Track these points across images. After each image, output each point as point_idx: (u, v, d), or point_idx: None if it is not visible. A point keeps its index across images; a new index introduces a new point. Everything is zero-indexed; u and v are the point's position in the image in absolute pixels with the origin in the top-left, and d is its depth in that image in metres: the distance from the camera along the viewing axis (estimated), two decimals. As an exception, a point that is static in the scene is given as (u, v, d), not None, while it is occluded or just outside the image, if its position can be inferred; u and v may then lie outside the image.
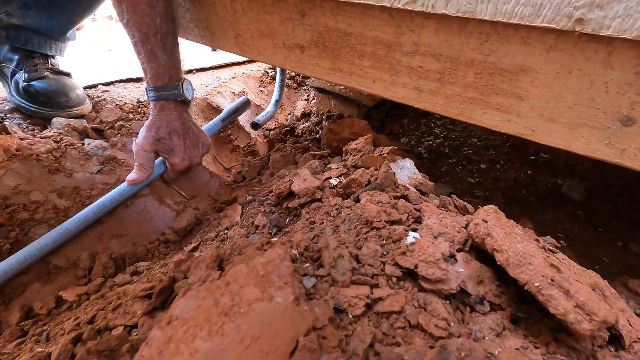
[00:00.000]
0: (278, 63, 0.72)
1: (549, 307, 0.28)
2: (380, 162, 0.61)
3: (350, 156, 0.65)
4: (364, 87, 0.62)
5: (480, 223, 0.35)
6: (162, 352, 0.23)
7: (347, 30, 0.59)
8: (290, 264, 0.28)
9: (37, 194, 0.75)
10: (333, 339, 0.25)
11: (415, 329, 0.29)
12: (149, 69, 0.74)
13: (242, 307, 0.24)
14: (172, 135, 0.77)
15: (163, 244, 0.82)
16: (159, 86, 0.75)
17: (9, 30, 0.95)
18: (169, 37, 0.74)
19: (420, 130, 1.04)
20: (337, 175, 0.62)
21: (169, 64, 0.75)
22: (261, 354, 0.22)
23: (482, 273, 0.34)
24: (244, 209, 0.79)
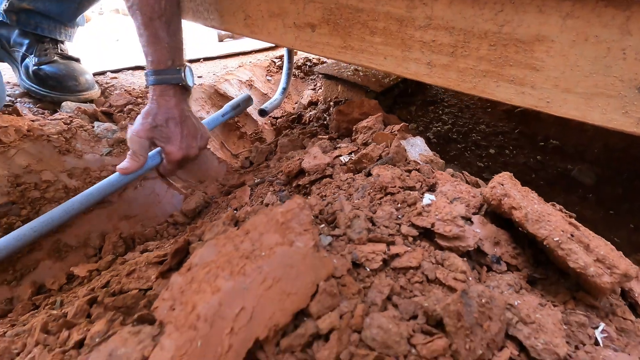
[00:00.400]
0: (288, 43, 0.72)
1: (568, 261, 0.28)
2: (391, 139, 0.61)
3: (360, 134, 0.65)
4: (374, 64, 0.61)
5: (496, 186, 0.34)
6: (184, 292, 0.23)
7: (358, 6, 0.58)
8: (309, 212, 0.28)
9: (48, 174, 0.76)
10: (352, 287, 0.25)
11: (433, 283, 0.29)
12: (150, 52, 0.72)
13: (263, 251, 0.24)
14: (169, 122, 0.73)
15: (172, 226, 0.82)
16: (160, 69, 0.72)
17: (19, 15, 0.96)
18: (174, 19, 0.73)
19: (428, 117, 1.03)
20: (348, 152, 0.62)
21: (172, 46, 0.73)
22: (283, 295, 0.22)
23: (499, 235, 0.34)
24: (253, 190, 0.79)
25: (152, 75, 0.72)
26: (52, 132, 0.80)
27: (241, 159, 1.07)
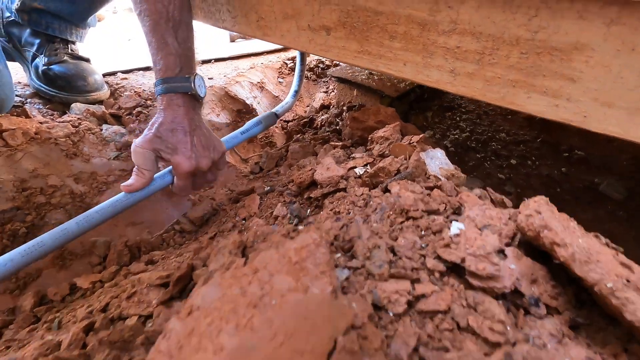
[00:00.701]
0: (302, 46, 0.69)
1: (625, 312, 0.24)
2: (409, 151, 0.57)
3: (376, 145, 0.61)
4: (393, 70, 0.58)
5: (533, 214, 0.31)
6: (183, 348, 0.20)
7: (377, 9, 0.55)
8: (326, 250, 0.25)
9: (55, 178, 0.74)
10: (375, 340, 0.22)
11: (465, 332, 0.25)
12: (158, 59, 0.67)
13: (274, 298, 0.21)
14: (176, 131, 0.66)
15: (178, 234, 0.80)
16: (168, 77, 0.66)
17: (30, 14, 0.95)
18: (183, 25, 0.68)
19: (446, 123, 0.99)
20: (363, 164, 0.59)
21: (181, 53, 0.67)
22: (295, 354, 0.19)
23: (535, 271, 0.30)
24: (263, 200, 0.76)
25: (160, 84, 0.66)
26: (59, 135, 0.78)
27: (250, 163, 1.04)
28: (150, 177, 0.67)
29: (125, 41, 1.59)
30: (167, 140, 0.65)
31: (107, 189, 0.79)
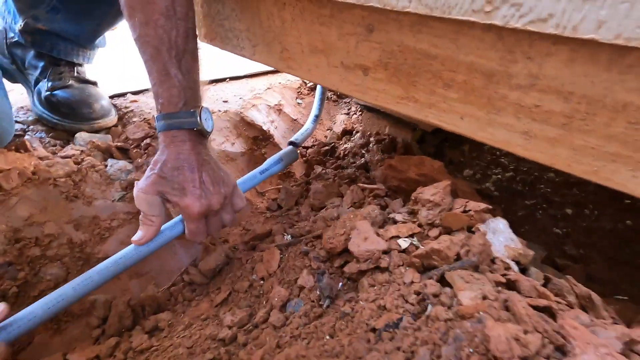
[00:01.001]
0: (332, 85, 0.60)
1: None
2: (465, 222, 0.47)
3: (422, 208, 0.51)
4: (446, 123, 0.48)
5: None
6: None
7: (430, 52, 0.45)
8: None
9: (52, 226, 0.66)
10: None
11: None
12: (160, 92, 0.58)
13: None
14: (182, 169, 0.58)
15: (188, 286, 0.72)
16: (170, 112, 0.58)
17: (34, 35, 0.88)
18: (187, 55, 0.59)
19: (485, 159, 0.89)
20: (407, 234, 0.49)
21: (185, 85, 0.58)
22: None
23: None
24: (283, 254, 0.67)
25: (162, 120, 0.58)
26: (59, 175, 0.71)
27: (267, 198, 0.95)
28: (160, 224, 0.60)
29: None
30: (172, 180, 0.58)
31: (109, 236, 0.71)
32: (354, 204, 0.75)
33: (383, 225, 0.56)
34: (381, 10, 0.47)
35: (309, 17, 0.57)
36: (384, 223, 0.57)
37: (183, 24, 0.58)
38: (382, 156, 0.86)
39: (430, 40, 0.45)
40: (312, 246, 0.63)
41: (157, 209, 0.58)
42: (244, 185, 0.77)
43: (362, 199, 0.75)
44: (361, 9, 0.50)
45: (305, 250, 0.60)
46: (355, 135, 1.09)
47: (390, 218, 0.56)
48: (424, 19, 0.44)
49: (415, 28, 0.45)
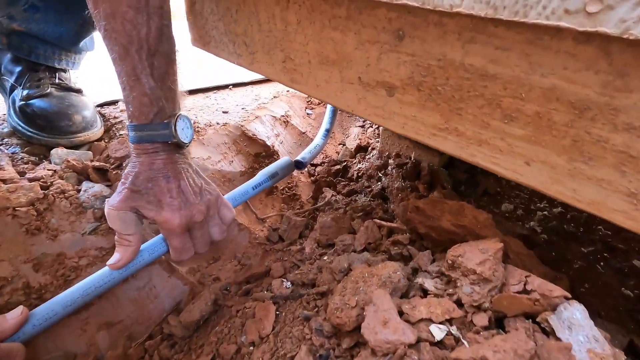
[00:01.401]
0: (346, 106, 0.47)
1: None
2: (527, 308, 0.34)
3: (463, 279, 0.38)
4: (503, 169, 0.35)
5: None
6: None
7: (487, 70, 0.32)
8: None
9: (5, 267, 0.55)
10: None
11: None
12: (130, 99, 0.50)
13: None
14: (156, 180, 0.51)
15: (165, 342, 0.60)
16: (142, 124, 0.50)
17: (10, 37, 0.78)
18: (159, 58, 0.50)
19: (526, 190, 0.74)
20: (443, 317, 0.36)
21: (158, 94, 0.50)
22: None
23: None
24: (280, 311, 0.54)
25: (133, 131, 0.50)
26: (21, 203, 0.60)
27: (268, 226, 0.83)
28: (138, 243, 0.53)
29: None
30: (147, 193, 0.51)
31: (75, 277, 0.60)
32: (369, 245, 0.62)
33: (407, 293, 0.43)
34: (417, 10, 0.34)
35: (318, 19, 0.45)
36: (409, 290, 0.43)
37: (156, 19, 0.48)
38: (404, 183, 0.73)
39: (488, 54, 0.31)
40: (315, 308, 0.50)
41: (132, 226, 0.52)
42: (233, 201, 0.66)
43: (379, 240, 0.62)
44: (388, 9, 0.37)
45: (307, 316, 0.48)
46: (371, 154, 0.95)
47: (417, 284, 0.43)
48: (481, 24, 0.31)
49: (466, 36, 0.32)
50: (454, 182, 0.74)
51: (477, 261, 0.37)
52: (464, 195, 0.72)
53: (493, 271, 0.36)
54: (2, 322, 0.45)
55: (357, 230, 0.66)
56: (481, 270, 0.36)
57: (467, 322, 0.35)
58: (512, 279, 0.36)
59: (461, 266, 0.38)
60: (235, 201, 0.67)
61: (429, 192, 0.67)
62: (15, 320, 0.46)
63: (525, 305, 0.34)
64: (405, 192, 0.68)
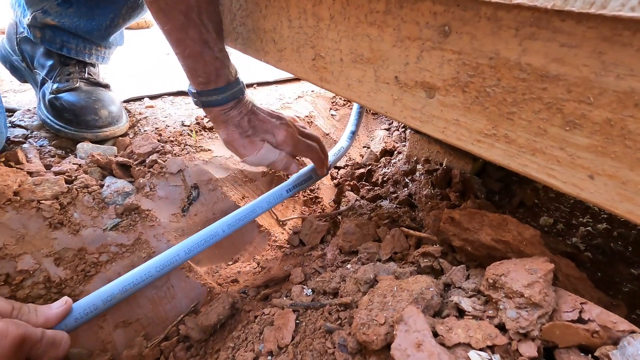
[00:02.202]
0: (379, 107, 0.44)
1: None
2: (583, 340, 0.30)
3: (507, 302, 0.34)
4: (560, 182, 0.31)
5: None
6: None
7: (548, 70, 0.28)
8: None
9: (28, 260, 0.55)
10: None
11: None
12: (199, 66, 0.55)
13: None
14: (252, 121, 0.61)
15: (182, 343, 0.58)
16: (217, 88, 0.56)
17: (44, 31, 0.79)
18: (213, 17, 0.56)
19: (567, 202, 0.69)
20: (484, 343, 0.32)
21: (225, 55, 0.58)
22: None
23: None
24: (300, 320, 0.52)
25: (214, 95, 0.57)
26: (45, 196, 0.60)
27: (289, 229, 0.81)
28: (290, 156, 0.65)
29: (164, 55, 1.44)
30: (255, 130, 0.61)
31: (95, 273, 0.59)
32: (395, 255, 0.59)
33: (441, 312, 0.40)
34: (468, 3, 0.31)
35: (353, 13, 0.42)
36: (442, 308, 0.40)
37: None
38: (433, 191, 0.69)
39: (550, 52, 0.28)
40: (338, 321, 0.47)
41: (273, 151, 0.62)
42: (267, 204, 0.68)
43: (406, 250, 0.59)
44: (433, 2, 0.34)
45: (329, 329, 0.45)
46: (397, 158, 0.92)
47: (452, 302, 0.39)
48: (544, 18, 0.27)
49: (526, 32, 0.28)
50: (487, 192, 0.69)
51: (525, 283, 0.33)
52: (498, 206, 0.68)
53: (544, 295, 0.32)
54: (47, 311, 0.47)
55: (383, 238, 0.63)
56: (530, 293, 0.32)
57: (511, 351, 0.32)
58: (564, 305, 0.32)
59: (504, 287, 0.35)
60: (267, 204, 0.68)
61: (460, 201, 0.63)
62: (59, 310, 0.47)
63: (581, 337, 0.30)
64: (435, 200, 0.65)
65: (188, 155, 0.73)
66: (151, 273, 0.56)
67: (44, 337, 0.43)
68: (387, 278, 0.48)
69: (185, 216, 0.70)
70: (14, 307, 0.45)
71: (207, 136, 0.82)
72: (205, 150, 0.77)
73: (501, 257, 0.42)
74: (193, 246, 0.60)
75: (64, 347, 0.45)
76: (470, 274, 0.45)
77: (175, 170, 0.71)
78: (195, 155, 0.74)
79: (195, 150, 0.76)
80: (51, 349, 0.44)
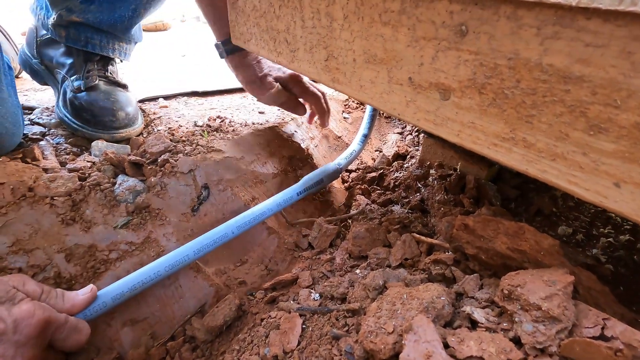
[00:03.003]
0: (392, 109, 0.43)
1: None
2: (606, 358, 0.28)
3: (523, 314, 0.32)
4: (583, 190, 0.29)
5: None
6: None
7: (572, 71, 0.27)
8: None
9: (40, 255, 0.56)
10: None
11: None
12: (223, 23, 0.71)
13: None
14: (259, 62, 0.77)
15: (188, 344, 0.58)
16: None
17: (69, 30, 0.81)
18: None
19: (587, 210, 0.66)
20: (498, 358, 0.31)
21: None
22: None
23: None
24: (306, 325, 0.51)
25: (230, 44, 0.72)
26: (59, 193, 0.61)
27: (298, 231, 0.80)
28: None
29: (179, 57, 1.46)
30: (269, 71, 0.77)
31: (105, 271, 0.59)
32: (405, 261, 0.57)
33: (452, 322, 0.38)
34: (486, 1, 0.30)
35: (367, 13, 0.41)
36: (454, 318, 0.38)
37: None
38: (446, 196, 0.67)
39: (575, 52, 0.26)
40: (345, 327, 0.46)
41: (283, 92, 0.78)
42: (277, 206, 0.70)
43: (417, 257, 0.57)
44: (449, 1, 0.33)
45: (336, 335, 0.44)
46: (409, 162, 0.90)
47: (464, 312, 0.38)
48: (569, 16, 0.26)
49: (548, 31, 0.27)
50: (502, 199, 0.67)
51: (542, 295, 0.32)
52: (515, 214, 0.65)
53: (563, 309, 0.30)
54: (74, 297, 0.50)
55: (393, 243, 0.62)
56: (548, 306, 0.30)
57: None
58: (585, 320, 0.31)
59: (520, 298, 0.33)
60: (278, 206, 0.70)
61: (474, 208, 0.62)
62: (86, 296, 0.50)
63: (603, 355, 0.28)
64: (448, 206, 0.63)
65: (199, 155, 0.74)
66: (160, 272, 0.57)
67: (68, 322, 0.46)
68: (396, 285, 0.46)
69: (195, 216, 0.70)
70: (44, 290, 0.47)
71: (218, 137, 0.82)
72: (217, 150, 0.77)
73: (517, 267, 0.40)
74: (202, 246, 0.60)
75: (85, 333, 0.48)
76: (484, 284, 0.43)
77: (186, 169, 0.71)
78: (207, 156, 0.74)
79: (207, 151, 0.76)
80: (73, 334, 0.47)
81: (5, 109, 0.63)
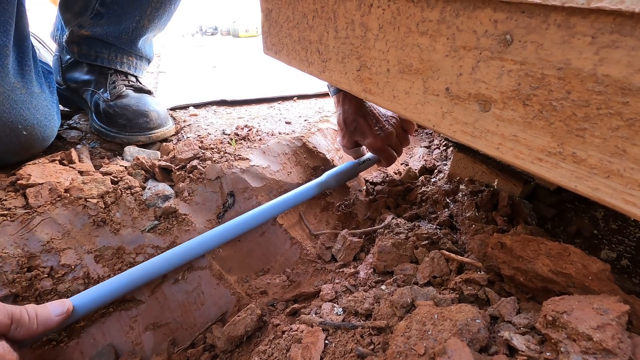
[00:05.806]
0: (426, 121, 0.42)
1: None
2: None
3: (570, 344, 0.30)
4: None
5: None
6: None
7: (630, 82, 0.25)
8: None
9: (71, 255, 0.57)
10: None
11: None
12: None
13: None
14: (357, 119, 0.77)
15: (207, 352, 0.57)
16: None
17: (80, 45, 0.86)
18: None
19: (632, 234, 0.62)
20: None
21: None
22: None
23: None
24: (329, 342, 0.49)
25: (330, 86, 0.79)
26: (92, 195, 0.62)
27: (321, 243, 0.78)
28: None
29: (210, 68, 1.50)
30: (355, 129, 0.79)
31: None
32: (433, 279, 0.55)
33: (488, 347, 0.36)
34: (535, 9, 0.29)
35: (404, 23, 0.40)
36: (490, 344, 0.36)
37: None
38: (477, 213, 0.64)
39: (635, 62, 0.24)
40: (371, 345, 0.44)
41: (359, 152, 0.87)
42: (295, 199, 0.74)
43: (446, 275, 0.55)
44: (494, 9, 0.32)
45: (361, 353, 0.42)
46: (437, 177, 0.88)
47: (502, 338, 0.35)
48: (629, 23, 0.24)
49: (604, 39, 0.25)
50: (538, 218, 0.64)
51: (593, 324, 0.29)
52: (552, 235, 0.62)
53: (618, 341, 0.27)
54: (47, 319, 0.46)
55: (421, 260, 0.59)
56: (600, 337, 0.28)
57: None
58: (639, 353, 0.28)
59: (567, 326, 0.30)
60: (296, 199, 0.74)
61: (509, 227, 0.59)
62: (60, 318, 0.47)
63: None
64: (479, 224, 0.60)
65: (227, 163, 0.74)
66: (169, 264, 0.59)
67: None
68: (426, 304, 0.44)
69: (220, 222, 0.70)
70: (13, 319, 0.43)
71: (245, 145, 0.83)
72: (244, 159, 0.77)
73: (560, 291, 0.37)
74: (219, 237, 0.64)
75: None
76: (522, 308, 0.41)
77: (213, 176, 0.72)
78: (234, 163, 0.75)
79: (234, 159, 0.76)
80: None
81: (37, 102, 0.66)
